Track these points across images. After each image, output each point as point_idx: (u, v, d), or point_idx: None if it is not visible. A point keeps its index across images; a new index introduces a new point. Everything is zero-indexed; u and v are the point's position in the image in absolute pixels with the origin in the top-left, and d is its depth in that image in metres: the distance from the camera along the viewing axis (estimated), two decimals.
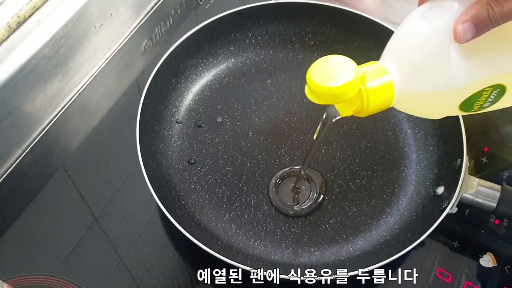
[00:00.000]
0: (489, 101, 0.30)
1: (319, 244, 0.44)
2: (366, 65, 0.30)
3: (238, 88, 0.55)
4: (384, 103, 0.30)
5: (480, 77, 0.28)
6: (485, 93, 0.29)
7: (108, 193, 0.47)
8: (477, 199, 0.42)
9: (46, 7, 0.47)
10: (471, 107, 0.30)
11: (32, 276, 0.42)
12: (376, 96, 0.29)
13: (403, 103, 0.31)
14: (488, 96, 0.29)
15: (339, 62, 0.29)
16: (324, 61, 0.29)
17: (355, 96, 0.29)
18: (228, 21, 0.53)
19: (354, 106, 0.31)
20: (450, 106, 0.31)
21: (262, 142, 0.51)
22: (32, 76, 0.46)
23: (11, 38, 0.44)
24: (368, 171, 0.49)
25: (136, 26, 0.58)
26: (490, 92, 0.29)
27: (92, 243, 0.44)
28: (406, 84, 0.29)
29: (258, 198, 0.47)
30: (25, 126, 0.49)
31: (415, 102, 0.31)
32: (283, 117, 0.53)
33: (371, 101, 0.29)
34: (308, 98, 0.30)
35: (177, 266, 0.44)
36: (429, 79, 0.29)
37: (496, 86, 0.29)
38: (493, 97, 0.30)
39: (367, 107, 0.30)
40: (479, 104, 0.30)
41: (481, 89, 0.29)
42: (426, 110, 0.33)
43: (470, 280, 0.42)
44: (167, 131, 0.50)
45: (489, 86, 0.29)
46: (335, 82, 0.28)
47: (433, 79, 0.29)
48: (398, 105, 0.31)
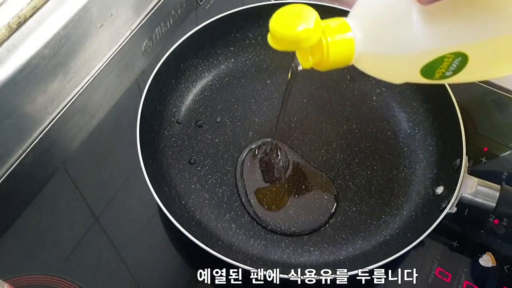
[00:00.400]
0: (451, 70, 0.30)
1: (319, 244, 0.44)
2: (331, 19, 0.31)
3: (238, 88, 0.55)
4: (343, 58, 0.31)
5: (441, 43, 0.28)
6: (446, 60, 0.29)
7: (108, 193, 0.47)
8: (476, 199, 0.42)
9: (47, 7, 0.47)
10: (432, 74, 0.30)
11: (32, 276, 0.42)
12: (336, 50, 0.30)
13: (364, 62, 0.32)
14: (449, 64, 0.29)
15: (301, 10, 0.29)
16: (287, 9, 0.30)
17: (316, 48, 0.30)
18: (228, 21, 0.53)
19: (314, 58, 0.32)
20: (410, 70, 0.31)
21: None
22: (33, 76, 0.46)
23: (11, 38, 0.44)
24: (368, 171, 0.49)
25: (136, 27, 0.58)
26: (451, 59, 0.29)
27: (93, 243, 0.44)
28: (367, 43, 0.30)
29: (258, 197, 0.47)
30: (25, 126, 0.49)
31: (375, 63, 0.32)
32: (283, 117, 0.53)
33: (330, 54, 0.30)
34: (270, 44, 0.30)
35: (177, 266, 0.44)
36: (390, 41, 0.30)
37: (458, 54, 0.29)
38: (455, 66, 0.30)
39: (326, 59, 0.30)
40: (440, 72, 0.30)
41: (442, 55, 0.29)
42: (386, 72, 0.33)
43: (469, 280, 0.43)
44: (168, 131, 0.51)
45: (450, 53, 0.29)
46: (295, 29, 0.29)
47: (393, 41, 0.29)
48: (358, 64, 0.32)
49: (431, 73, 0.30)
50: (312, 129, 0.52)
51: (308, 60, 0.32)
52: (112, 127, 0.53)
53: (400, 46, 0.29)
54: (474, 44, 0.28)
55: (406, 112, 0.52)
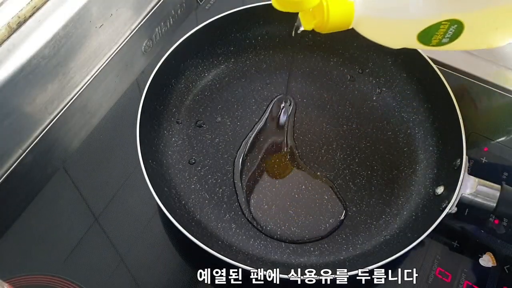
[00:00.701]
0: (447, 37, 0.31)
1: (319, 244, 0.44)
2: None
3: (238, 88, 0.55)
4: (343, 21, 0.32)
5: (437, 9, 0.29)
6: (442, 27, 0.30)
7: (108, 193, 0.47)
8: (476, 199, 0.42)
9: (47, 7, 0.47)
10: (429, 40, 0.31)
11: (32, 276, 0.42)
12: (336, 12, 0.31)
13: (363, 26, 0.33)
14: (446, 31, 0.30)
15: None
16: None
17: (316, 10, 0.32)
18: (228, 21, 0.53)
19: (315, 20, 0.33)
20: (407, 35, 0.32)
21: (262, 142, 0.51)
22: (33, 76, 0.46)
23: (11, 38, 0.44)
24: (368, 171, 0.49)
25: (136, 26, 0.58)
26: (447, 26, 0.30)
27: (93, 243, 0.44)
28: (366, 7, 0.31)
29: (258, 198, 0.47)
30: (25, 126, 0.49)
31: (374, 27, 0.33)
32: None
33: (330, 16, 0.31)
34: (274, 5, 0.33)
35: (177, 266, 0.44)
36: (388, 6, 0.31)
37: (453, 21, 0.30)
38: (451, 33, 0.30)
39: (326, 21, 0.32)
40: (437, 39, 0.31)
41: (438, 21, 0.30)
42: (385, 36, 0.34)
43: (469, 280, 0.43)
44: (167, 131, 0.51)
45: (446, 20, 0.30)
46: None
47: (391, 6, 0.31)
48: (358, 27, 0.33)
49: (428, 39, 0.31)
50: (312, 129, 0.52)
51: (310, 22, 0.34)
52: (112, 127, 0.53)
53: (397, 11, 0.31)
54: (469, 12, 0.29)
55: (406, 112, 0.52)
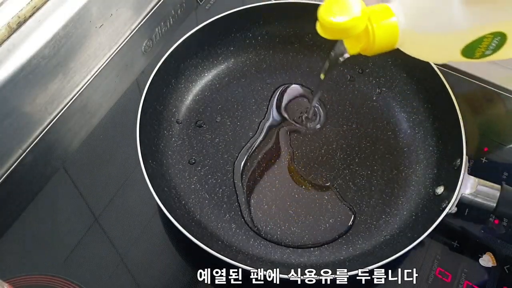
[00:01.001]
0: (491, 48, 0.31)
1: (319, 243, 0.44)
2: (374, 6, 0.33)
3: (238, 88, 0.55)
4: (389, 42, 0.33)
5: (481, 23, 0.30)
6: (486, 40, 0.31)
7: (108, 193, 0.47)
8: (476, 199, 0.42)
9: (47, 7, 0.47)
10: (473, 54, 0.32)
11: (32, 276, 0.42)
12: (382, 35, 0.32)
13: (408, 44, 0.33)
14: (489, 44, 0.31)
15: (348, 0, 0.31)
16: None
17: (362, 34, 0.32)
18: (228, 21, 0.53)
19: (361, 44, 0.33)
20: (452, 50, 0.32)
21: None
22: (33, 76, 0.46)
23: (11, 38, 0.44)
24: (368, 171, 0.49)
25: (136, 26, 0.58)
26: (491, 39, 0.31)
27: (93, 243, 0.44)
28: (410, 26, 0.32)
29: (258, 198, 0.47)
30: (25, 126, 0.49)
31: (418, 44, 0.33)
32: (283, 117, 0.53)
33: (376, 39, 0.32)
34: (319, 33, 0.32)
35: (177, 266, 0.44)
36: (432, 22, 0.31)
37: (497, 34, 0.30)
38: (494, 45, 0.31)
39: (372, 44, 0.32)
40: (480, 51, 0.32)
41: (482, 35, 0.30)
42: (430, 53, 0.35)
43: (469, 280, 0.43)
44: (167, 131, 0.51)
45: (490, 33, 0.30)
46: (343, 18, 0.30)
47: (436, 22, 0.31)
48: (403, 46, 0.34)
49: (472, 53, 0.32)
50: (312, 129, 0.52)
51: (355, 47, 0.34)
52: (112, 127, 0.53)
53: (442, 27, 0.31)
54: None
55: (406, 112, 0.52)
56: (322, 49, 0.56)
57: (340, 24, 0.30)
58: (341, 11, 0.31)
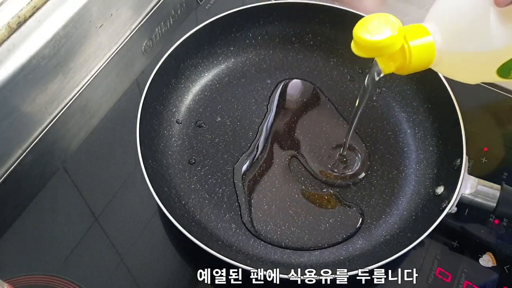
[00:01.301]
0: None
1: (319, 243, 0.44)
2: (410, 26, 0.32)
3: (238, 88, 0.55)
4: (425, 61, 0.32)
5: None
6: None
7: (108, 193, 0.47)
8: (476, 199, 0.42)
9: (47, 7, 0.47)
10: (508, 73, 0.32)
11: (32, 276, 0.42)
12: (418, 54, 0.32)
13: (443, 64, 0.33)
14: None
15: (385, 19, 0.31)
16: (371, 18, 0.31)
17: (397, 53, 0.32)
18: (228, 21, 0.53)
19: (396, 63, 0.33)
20: (487, 70, 0.32)
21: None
22: (33, 76, 0.46)
23: (11, 38, 0.44)
24: (368, 171, 0.49)
25: (136, 26, 0.58)
26: None
27: (93, 243, 0.44)
28: (446, 45, 0.32)
29: (258, 198, 0.47)
30: (25, 126, 0.49)
31: (454, 64, 0.33)
32: (283, 117, 0.53)
33: (413, 59, 0.32)
34: (354, 52, 0.32)
35: (177, 266, 0.44)
36: (468, 41, 0.31)
37: None
38: None
39: (408, 64, 0.32)
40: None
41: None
42: (464, 73, 0.35)
43: (469, 280, 0.43)
44: (167, 131, 0.51)
45: None
46: (379, 36, 0.30)
47: (472, 41, 0.31)
48: (438, 66, 0.33)
49: (507, 72, 0.32)
50: (312, 129, 0.52)
51: (390, 66, 0.34)
52: (112, 127, 0.53)
53: (478, 46, 0.31)
54: None
55: (406, 112, 0.52)
56: (322, 49, 0.56)
57: (377, 42, 0.30)
58: (377, 30, 0.30)
